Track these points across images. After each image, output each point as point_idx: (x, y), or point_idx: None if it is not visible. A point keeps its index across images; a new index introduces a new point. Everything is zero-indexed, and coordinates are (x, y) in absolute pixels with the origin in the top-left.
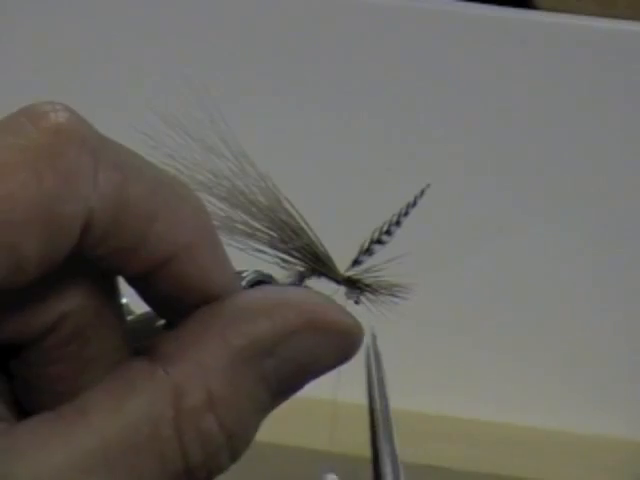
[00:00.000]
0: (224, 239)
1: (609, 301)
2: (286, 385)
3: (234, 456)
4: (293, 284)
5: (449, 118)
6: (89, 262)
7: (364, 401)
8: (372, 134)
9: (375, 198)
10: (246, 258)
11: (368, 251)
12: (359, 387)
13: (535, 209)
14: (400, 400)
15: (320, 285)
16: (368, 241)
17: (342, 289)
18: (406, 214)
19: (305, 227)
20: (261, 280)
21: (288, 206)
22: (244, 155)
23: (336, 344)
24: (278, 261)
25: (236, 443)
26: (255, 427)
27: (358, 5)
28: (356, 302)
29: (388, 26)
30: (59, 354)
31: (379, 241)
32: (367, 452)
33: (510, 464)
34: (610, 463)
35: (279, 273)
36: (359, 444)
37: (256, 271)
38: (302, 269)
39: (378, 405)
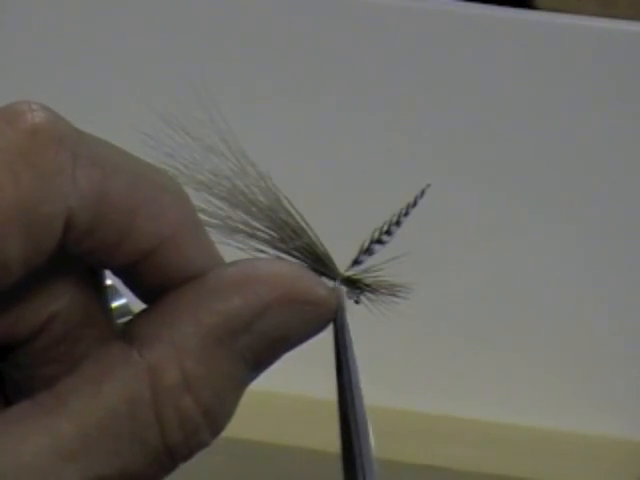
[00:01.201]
0: (224, 239)
1: (609, 301)
2: (262, 359)
3: (214, 432)
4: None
5: (449, 118)
6: (74, 261)
7: (372, 403)
8: (372, 134)
9: (375, 198)
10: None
11: (368, 251)
12: (362, 388)
13: (534, 209)
14: (400, 400)
15: None
16: (368, 241)
17: (342, 289)
18: (406, 214)
19: (305, 227)
20: None
21: (288, 206)
22: (244, 155)
23: (310, 315)
24: None
25: (215, 420)
26: (234, 402)
27: (358, 5)
28: (356, 302)
29: (388, 26)
30: (49, 355)
31: (379, 241)
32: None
33: (510, 464)
34: (610, 463)
35: None
36: None
37: None
38: None
39: (348, 395)
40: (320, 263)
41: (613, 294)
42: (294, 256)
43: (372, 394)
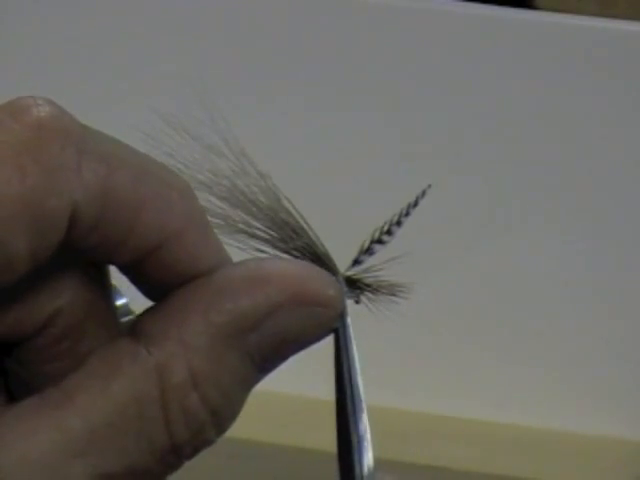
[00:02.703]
0: (224, 239)
1: (609, 301)
2: (270, 359)
3: (219, 431)
4: None
5: (449, 118)
6: (79, 256)
7: (372, 403)
8: (372, 134)
9: (375, 198)
10: (247, 258)
11: (368, 251)
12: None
13: (535, 209)
14: (400, 400)
15: None
16: (368, 241)
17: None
18: (407, 214)
19: (305, 227)
20: None
21: (288, 206)
22: (244, 154)
23: (318, 316)
24: None
25: (221, 418)
26: (240, 402)
27: (358, 5)
28: (356, 302)
29: (388, 26)
30: (53, 351)
31: (380, 241)
32: (373, 452)
33: (510, 464)
34: (610, 463)
35: None
36: None
37: None
38: None
39: (347, 389)
40: (320, 263)
41: (613, 294)
42: (294, 256)
43: (372, 394)
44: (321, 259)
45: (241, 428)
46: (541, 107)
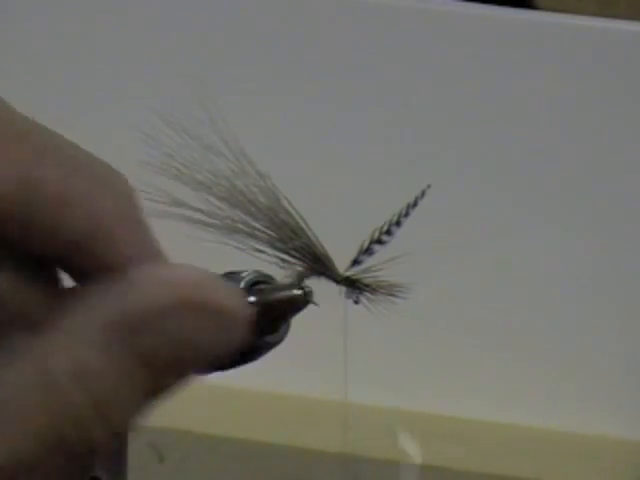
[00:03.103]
0: (224, 239)
1: (609, 301)
2: (169, 366)
3: (107, 428)
4: (292, 284)
5: (449, 118)
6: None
7: (372, 403)
8: (372, 134)
9: (375, 198)
10: (246, 258)
11: (368, 251)
12: (362, 388)
13: (535, 209)
14: (400, 400)
15: (320, 285)
16: (368, 241)
17: (342, 289)
18: (406, 214)
19: (304, 227)
20: (260, 280)
21: (288, 206)
22: (244, 155)
23: (215, 326)
24: (277, 261)
25: (111, 419)
26: (135, 406)
27: (358, 5)
28: (355, 302)
29: (388, 26)
30: None
31: (379, 241)
32: (373, 453)
33: (510, 464)
34: (610, 463)
35: (278, 273)
36: (365, 445)
37: (255, 271)
38: (301, 269)
39: None
40: (319, 263)
41: (613, 294)
42: (293, 256)
43: (372, 394)
44: (320, 259)
45: (241, 428)
46: (541, 107)
